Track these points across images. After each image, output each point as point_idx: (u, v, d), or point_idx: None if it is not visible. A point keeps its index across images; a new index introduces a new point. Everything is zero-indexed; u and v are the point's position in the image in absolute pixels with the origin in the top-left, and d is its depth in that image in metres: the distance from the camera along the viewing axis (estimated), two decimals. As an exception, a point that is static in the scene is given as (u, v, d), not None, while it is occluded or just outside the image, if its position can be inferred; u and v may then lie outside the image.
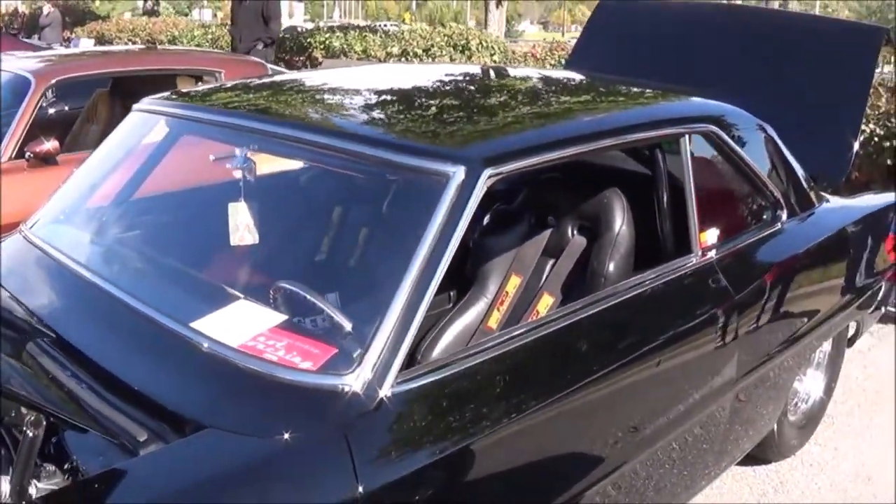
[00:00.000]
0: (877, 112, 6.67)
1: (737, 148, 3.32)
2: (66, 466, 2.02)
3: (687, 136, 3.08)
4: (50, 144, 4.89)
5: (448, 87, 3.42)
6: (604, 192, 3.13)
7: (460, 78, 3.70)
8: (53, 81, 5.26)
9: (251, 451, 1.93)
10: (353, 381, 2.05)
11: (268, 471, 1.91)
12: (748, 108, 3.56)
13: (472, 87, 3.53)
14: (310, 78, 3.58)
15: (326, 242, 3.00)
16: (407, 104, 3.09)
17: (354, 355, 2.09)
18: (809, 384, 4.06)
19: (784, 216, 3.51)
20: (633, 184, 3.22)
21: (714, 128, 3.23)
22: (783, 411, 3.72)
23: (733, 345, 3.03)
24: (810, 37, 4.56)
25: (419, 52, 12.38)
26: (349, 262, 2.89)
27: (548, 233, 3.25)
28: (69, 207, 3.17)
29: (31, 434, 1.82)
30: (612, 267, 2.97)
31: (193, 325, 2.26)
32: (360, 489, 1.92)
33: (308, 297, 2.32)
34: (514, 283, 3.16)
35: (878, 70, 8.06)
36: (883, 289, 4.21)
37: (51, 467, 2.01)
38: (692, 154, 3.08)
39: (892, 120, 6.59)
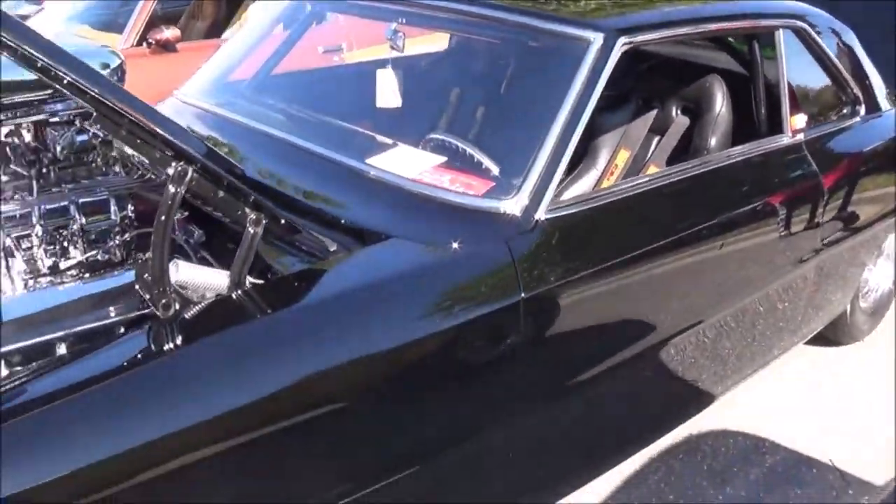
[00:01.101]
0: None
1: (822, 44, 3.63)
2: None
3: (781, 30, 3.39)
4: (170, 32, 5.23)
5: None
6: (705, 78, 3.45)
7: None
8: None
9: (430, 256, 2.28)
10: (513, 206, 2.40)
11: (445, 273, 2.27)
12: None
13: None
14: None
15: (476, 102, 3.30)
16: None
17: (513, 186, 2.45)
18: (880, 274, 4.36)
19: (862, 111, 3.82)
20: (729, 77, 3.52)
21: (804, 24, 3.53)
22: (855, 295, 4.05)
23: (817, 218, 3.38)
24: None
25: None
26: (498, 117, 3.19)
27: (653, 113, 3.57)
28: (221, 76, 3.50)
29: (251, 231, 2.16)
30: (713, 142, 3.29)
31: (368, 161, 2.62)
32: (523, 294, 2.28)
33: (460, 145, 2.69)
34: (623, 156, 3.49)
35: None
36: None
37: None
38: (785, 46, 3.39)
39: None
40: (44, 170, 2.66)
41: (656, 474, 3.31)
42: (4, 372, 2.06)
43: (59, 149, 2.65)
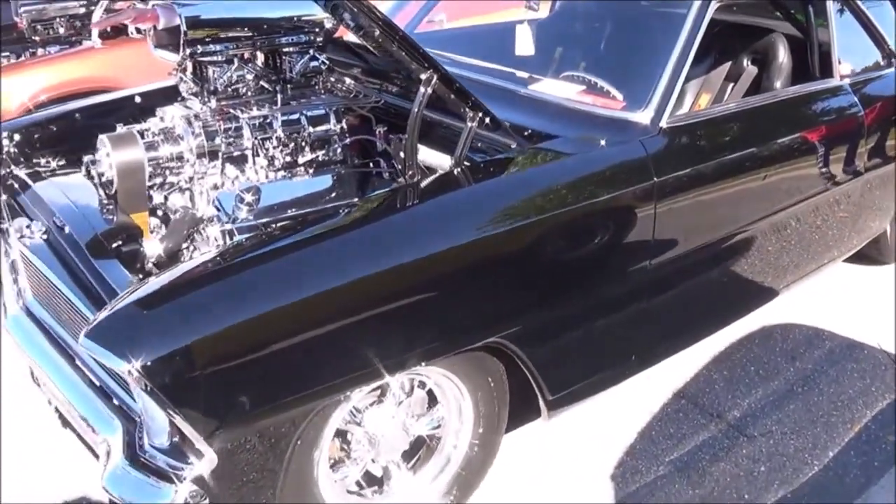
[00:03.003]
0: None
1: (863, 6, 4.43)
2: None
3: None
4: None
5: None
6: (770, 35, 4.26)
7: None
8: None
9: (588, 149, 3.09)
10: (643, 117, 3.23)
11: (597, 161, 3.08)
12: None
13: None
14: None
15: (600, 46, 4.11)
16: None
17: (642, 102, 3.26)
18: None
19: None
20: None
21: None
22: (893, 219, 4.83)
23: (860, 147, 4.19)
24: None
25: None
26: (624, 56, 3.94)
27: (728, 65, 4.36)
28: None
29: (469, 125, 2.93)
30: (778, 84, 4.09)
31: (530, 88, 3.45)
32: (655, 178, 3.09)
33: (591, 78, 3.50)
34: (705, 98, 4.29)
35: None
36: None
37: None
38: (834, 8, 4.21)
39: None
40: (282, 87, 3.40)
41: (739, 353, 4.14)
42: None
43: (294, 72, 3.42)
